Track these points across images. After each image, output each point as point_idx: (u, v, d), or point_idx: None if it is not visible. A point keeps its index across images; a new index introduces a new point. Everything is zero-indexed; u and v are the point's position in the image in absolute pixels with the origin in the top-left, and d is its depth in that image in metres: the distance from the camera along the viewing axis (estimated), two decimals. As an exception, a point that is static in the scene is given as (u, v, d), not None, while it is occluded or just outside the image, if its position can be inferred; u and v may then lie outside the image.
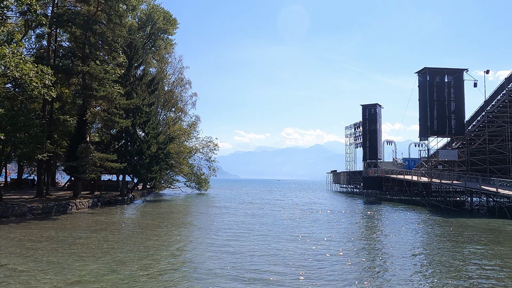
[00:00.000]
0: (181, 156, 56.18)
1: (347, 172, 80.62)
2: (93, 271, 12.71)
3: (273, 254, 15.79)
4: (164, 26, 62.67)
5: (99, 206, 35.35)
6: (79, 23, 31.88)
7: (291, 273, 13.02)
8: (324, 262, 14.66)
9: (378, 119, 59.49)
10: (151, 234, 20.93)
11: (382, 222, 28.75)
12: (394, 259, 15.46)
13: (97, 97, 32.08)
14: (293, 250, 16.69)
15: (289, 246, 17.54)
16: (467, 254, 16.68)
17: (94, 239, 18.84)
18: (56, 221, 24.99)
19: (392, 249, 17.52)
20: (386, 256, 16.20)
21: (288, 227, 23.91)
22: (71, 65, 33.08)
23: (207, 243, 18.24)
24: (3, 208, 25.27)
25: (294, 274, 12.88)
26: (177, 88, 62.80)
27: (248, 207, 39.43)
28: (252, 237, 20.01)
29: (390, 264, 14.53)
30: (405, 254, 16.47)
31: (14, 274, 12.26)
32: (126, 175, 43.48)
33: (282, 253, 16.12)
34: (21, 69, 20.34)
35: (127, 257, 15.03)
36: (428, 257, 16.25)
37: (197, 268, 13.54)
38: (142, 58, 43.60)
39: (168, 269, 13.37)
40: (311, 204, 46.56)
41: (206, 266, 13.75)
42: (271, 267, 13.73)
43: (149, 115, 43.27)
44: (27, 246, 16.60)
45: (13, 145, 28.67)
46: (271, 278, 12.31)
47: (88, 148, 32.51)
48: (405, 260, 15.22)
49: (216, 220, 27.85)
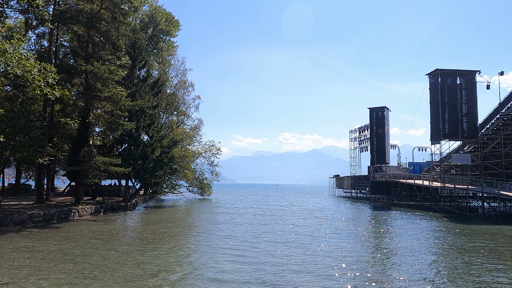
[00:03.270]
0: (185, 161, 54.58)
1: (352, 177, 79.26)
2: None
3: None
4: (167, 27, 61.32)
5: (102, 213, 33.71)
6: (83, 21, 30.45)
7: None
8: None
9: (386, 122, 58.19)
10: (162, 248, 19.39)
11: (412, 235, 27.17)
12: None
13: (101, 98, 30.56)
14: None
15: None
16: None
17: (104, 252, 17.26)
18: (58, 230, 23.35)
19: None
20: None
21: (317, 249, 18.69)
22: (74, 65, 31.55)
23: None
24: (1, 216, 23.61)
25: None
26: (179, 91, 61.33)
27: (262, 219, 32.78)
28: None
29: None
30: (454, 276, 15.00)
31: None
32: (129, 180, 41.83)
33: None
34: (23, 66, 18.82)
35: (138, 274, 13.50)
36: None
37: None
38: (145, 59, 42.08)
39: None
40: (320, 211, 45.08)
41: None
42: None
43: (153, 118, 41.75)
44: (29, 263, 15.00)
45: (12, 148, 27.10)
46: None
47: (91, 151, 30.94)
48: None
49: (234, 235, 24.23)
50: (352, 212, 42.08)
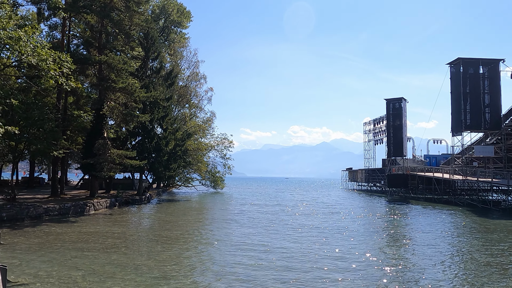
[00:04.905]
0: (199, 154, 53.88)
1: (366, 170, 77.86)
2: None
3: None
4: (178, 18, 60.29)
5: (117, 207, 33.20)
6: (96, 10, 29.65)
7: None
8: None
9: (403, 114, 56.68)
10: (179, 245, 18.68)
11: (446, 231, 26.03)
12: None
13: (116, 89, 29.84)
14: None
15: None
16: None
17: (124, 249, 16.59)
18: (75, 224, 22.78)
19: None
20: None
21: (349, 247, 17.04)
22: (88, 55, 30.83)
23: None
24: (17, 210, 23.14)
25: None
26: (191, 83, 60.48)
27: (279, 213, 31.42)
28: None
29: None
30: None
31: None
32: (143, 173, 41.30)
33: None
34: (38, 55, 18.10)
35: (172, 272, 12.76)
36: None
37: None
38: (158, 49, 41.23)
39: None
40: (337, 204, 44.16)
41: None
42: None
43: (167, 110, 41.01)
44: (49, 259, 14.36)
45: (27, 141, 26.54)
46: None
47: (106, 144, 30.31)
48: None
49: (255, 231, 24.61)
50: (370, 206, 41.03)
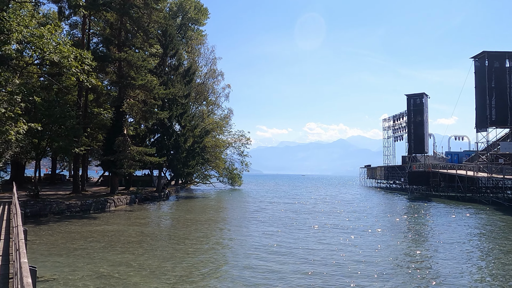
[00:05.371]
0: (217, 151, 53.86)
1: (385, 167, 76.56)
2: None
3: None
4: (196, 15, 60.36)
5: (137, 203, 33.42)
6: (115, 7, 29.76)
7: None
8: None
9: (425, 110, 55.27)
10: (203, 242, 18.53)
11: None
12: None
13: (135, 87, 29.95)
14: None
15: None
16: None
17: (146, 246, 16.54)
18: (96, 220, 22.95)
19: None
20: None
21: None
22: (108, 52, 31.02)
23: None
24: (41, 206, 23.48)
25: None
26: (209, 80, 60.40)
27: (300, 212, 30.96)
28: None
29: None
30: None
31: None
32: (161, 170, 41.49)
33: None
34: (60, 52, 18.17)
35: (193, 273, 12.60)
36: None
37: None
38: (177, 47, 41.23)
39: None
40: (357, 202, 43.46)
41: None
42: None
43: (185, 107, 41.03)
44: (75, 255, 14.39)
45: (49, 138, 26.88)
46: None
47: (126, 141, 30.48)
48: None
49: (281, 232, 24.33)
50: (391, 204, 40.21)
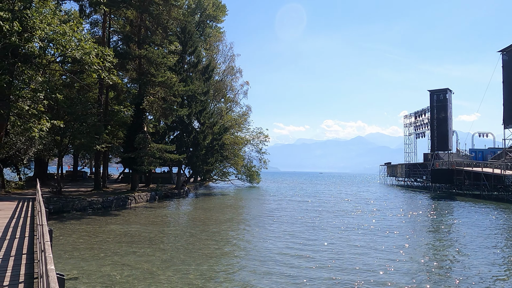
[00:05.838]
0: (236, 148, 53.68)
1: (406, 165, 74.96)
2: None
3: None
4: (214, 13, 60.12)
5: (157, 200, 33.50)
6: (135, 4, 29.76)
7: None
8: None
9: (449, 106, 53.66)
10: (225, 240, 18.26)
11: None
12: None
13: (155, 84, 29.93)
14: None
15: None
16: None
17: (170, 245, 16.38)
18: (118, 217, 23.00)
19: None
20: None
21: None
22: (128, 50, 31.09)
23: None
24: (64, 202, 23.70)
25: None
26: (227, 77, 60.22)
27: (321, 210, 30.76)
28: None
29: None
30: None
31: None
32: (181, 167, 41.52)
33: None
34: (82, 48, 18.16)
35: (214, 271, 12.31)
36: None
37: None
38: (196, 44, 41.09)
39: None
40: (379, 200, 42.57)
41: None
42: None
43: (204, 104, 40.91)
44: (97, 253, 14.32)
45: (71, 135, 27.12)
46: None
47: (146, 138, 30.53)
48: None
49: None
50: (414, 202, 39.15)
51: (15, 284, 6.17)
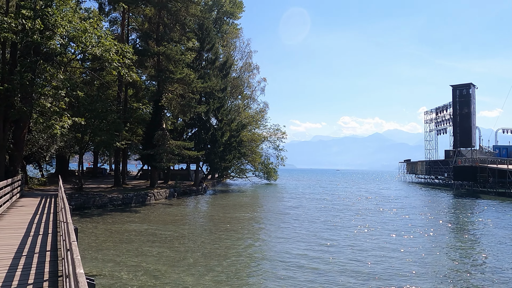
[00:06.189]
0: (253, 145, 53.49)
1: (427, 162, 73.37)
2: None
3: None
4: (231, 9, 59.89)
5: (176, 197, 33.61)
6: (154, 1, 29.77)
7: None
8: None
9: (472, 101, 52.17)
10: (244, 238, 18.08)
11: None
12: None
13: (174, 80, 29.93)
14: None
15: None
16: None
17: (190, 246, 16.31)
18: (138, 214, 23.10)
19: None
20: None
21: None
22: (147, 47, 31.18)
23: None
24: (85, 199, 23.95)
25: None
26: (244, 74, 60.02)
27: (343, 209, 30.88)
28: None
29: None
30: None
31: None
32: (199, 164, 41.58)
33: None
34: (103, 45, 18.19)
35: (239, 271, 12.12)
36: None
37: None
38: (213, 40, 40.96)
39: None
40: (400, 198, 41.73)
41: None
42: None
43: (222, 101, 40.81)
44: (115, 249, 14.33)
45: (91, 132, 27.38)
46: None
47: (165, 135, 30.61)
48: None
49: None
50: (436, 200, 38.17)
51: (40, 282, 6.09)
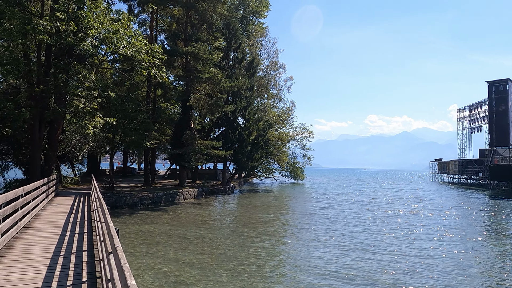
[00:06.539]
0: (280, 144, 53.11)
1: (460, 161, 70.75)
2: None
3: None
4: (257, 8, 59.62)
5: (204, 196, 33.70)
6: (182, 1, 29.90)
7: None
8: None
9: (510, 97, 49.81)
10: (273, 240, 17.76)
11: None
12: None
13: (202, 80, 29.99)
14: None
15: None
16: None
17: (220, 245, 16.18)
18: (168, 213, 23.23)
19: None
20: None
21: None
22: (175, 47, 31.40)
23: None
24: (116, 198, 24.31)
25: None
26: (271, 73, 59.64)
27: (376, 210, 30.60)
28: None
29: None
30: None
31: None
32: (226, 163, 41.59)
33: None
34: (134, 45, 18.33)
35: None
36: None
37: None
38: (240, 39, 40.84)
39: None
40: (433, 200, 40.34)
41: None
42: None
43: (249, 100, 40.65)
44: (148, 249, 14.35)
45: (122, 132, 27.79)
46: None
47: (193, 135, 30.72)
48: None
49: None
50: (473, 201, 36.58)
51: (79, 284, 6.00)
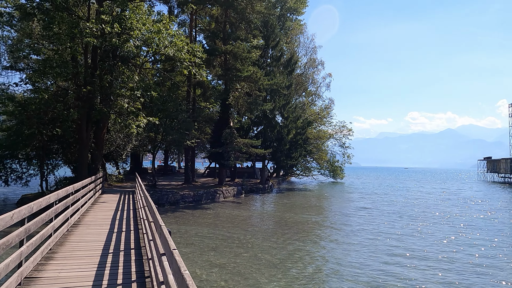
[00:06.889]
0: (319, 142, 52.24)
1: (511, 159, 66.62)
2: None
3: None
4: (294, 5, 58.95)
5: (243, 195, 33.72)
6: (220, 1, 29.97)
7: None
8: None
9: None
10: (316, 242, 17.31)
11: None
12: None
13: (241, 78, 29.94)
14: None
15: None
16: None
17: (267, 247, 15.97)
18: (209, 211, 23.37)
19: None
20: None
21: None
22: (215, 46, 31.60)
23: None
24: (159, 195, 24.79)
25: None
26: (309, 70, 58.74)
27: (426, 212, 29.49)
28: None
29: None
30: None
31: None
32: (265, 162, 41.40)
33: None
34: (175, 45, 18.52)
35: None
36: None
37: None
38: (278, 37, 40.47)
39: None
40: (486, 202, 38.05)
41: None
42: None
43: (287, 98, 40.22)
44: (191, 247, 14.39)
45: (164, 131, 28.32)
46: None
47: (232, 133, 30.77)
48: None
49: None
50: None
51: (128, 283, 5.95)
